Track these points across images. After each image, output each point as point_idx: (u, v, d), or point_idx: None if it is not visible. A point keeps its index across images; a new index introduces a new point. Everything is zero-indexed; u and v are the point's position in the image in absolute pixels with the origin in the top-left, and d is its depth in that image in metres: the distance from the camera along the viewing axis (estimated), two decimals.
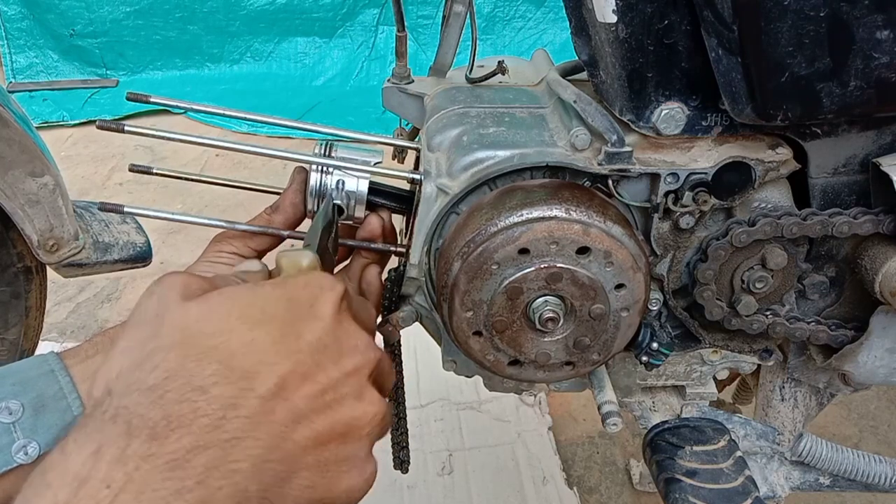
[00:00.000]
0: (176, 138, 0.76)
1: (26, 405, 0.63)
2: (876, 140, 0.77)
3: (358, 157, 0.76)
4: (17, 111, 1.05)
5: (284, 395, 0.45)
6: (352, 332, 0.52)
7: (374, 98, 2.61)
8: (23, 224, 1.06)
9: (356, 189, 0.75)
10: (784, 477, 0.93)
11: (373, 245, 0.79)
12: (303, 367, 0.47)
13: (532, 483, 1.58)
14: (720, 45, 0.67)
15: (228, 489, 0.40)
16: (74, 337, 2.04)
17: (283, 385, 0.45)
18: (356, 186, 0.75)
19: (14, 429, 0.62)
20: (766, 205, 0.79)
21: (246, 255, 0.75)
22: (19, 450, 0.61)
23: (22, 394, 0.63)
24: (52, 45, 3.51)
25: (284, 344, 0.47)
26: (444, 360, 0.88)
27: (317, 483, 0.47)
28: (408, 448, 0.98)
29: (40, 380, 0.65)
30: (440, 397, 1.79)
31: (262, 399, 0.44)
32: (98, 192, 2.77)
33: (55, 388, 0.65)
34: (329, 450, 0.48)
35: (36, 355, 0.68)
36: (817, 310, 0.87)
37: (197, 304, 0.48)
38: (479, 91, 0.88)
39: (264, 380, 0.44)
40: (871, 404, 1.85)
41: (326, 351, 0.49)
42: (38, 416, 0.63)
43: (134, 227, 1.26)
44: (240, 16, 3.53)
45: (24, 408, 0.63)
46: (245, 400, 0.43)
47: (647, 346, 0.82)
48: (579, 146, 0.75)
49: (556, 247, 0.71)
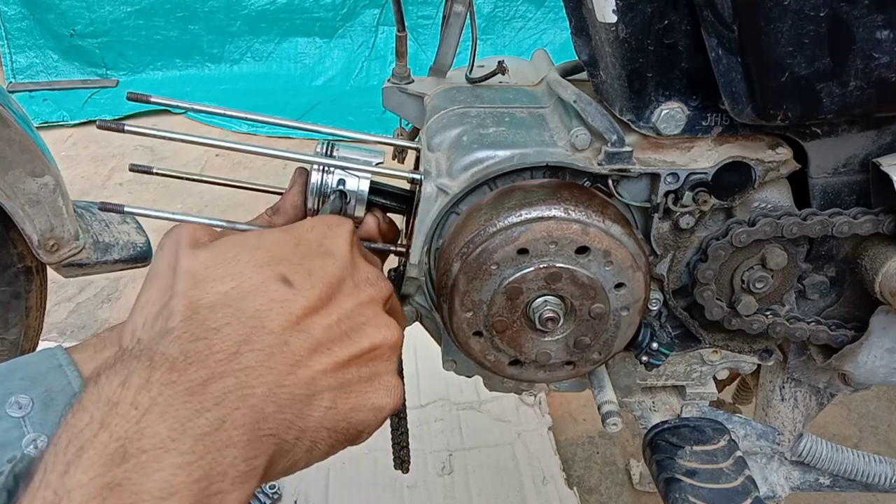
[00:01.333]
0: (176, 138, 0.76)
1: (35, 399, 0.64)
2: (876, 140, 0.77)
3: (359, 157, 0.76)
4: (18, 111, 1.05)
5: (299, 327, 0.48)
6: (362, 265, 0.55)
7: (374, 98, 2.62)
8: (23, 224, 1.06)
9: (357, 189, 0.75)
10: (784, 477, 0.93)
11: (373, 245, 0.79)
12: (316, 301, 0.49)
13: (532, 483, 1.58)
14: (720, 45, 0.67)
15: (244, 410, 0.44)
16: (74, 337, 2.04)
17: (295, 321, 0.48)
18: (357, 186, 0.75)
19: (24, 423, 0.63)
20: (766, 205, 0.79)
21: None
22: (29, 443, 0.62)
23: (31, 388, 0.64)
24: (52, 45, 3.51)
25: (295, 281, 0.49)
26: (444, 360, 0.88)
27: (339, 403, 0.50)
28: (408, 448, 0.98)
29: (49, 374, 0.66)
30: (440, 397, 1.79)
31: (274, 334, 0.47)
32: (98, 192, 2.77)
33: (63, 382, 0.65)
34: (350, 372, 0.50)
35: (43, 349, 0.68)
36: (817, 310, 0.87)
37: (206, 250, 0.51)
38: (479, 91, 0.88)
39: (275, 317, 0.47)
40: (871, 404, 1.85)
41: (341, 284, 0.52)
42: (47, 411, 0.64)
43: (134, 227, 1.26)
44: (240, 16, 3.53)
45: (33, 402, 0.63)
46: (257, 336, 0.46)
47: (647, 346, 0.82)
48: (579, 146, 0.75)
49: (555, 247, 0.71)
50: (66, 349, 0.68)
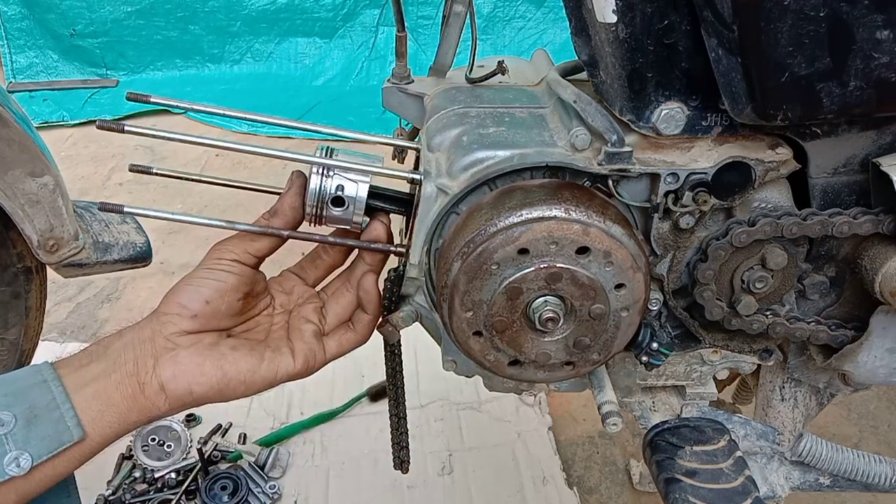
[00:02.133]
0: (176, 138, 0.76)
1: (18, 416, 0.63)
2: (876, 140, 0.77)
3: (358, 162, 0.76)
4: (17, 111, 1.05)
5: None
6: None
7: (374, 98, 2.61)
8: (23, 224, 1.06)
9: (356, 194, 0.76)
10: (784, 477, 0.93)
11: (373, 245, 0.79)
12: None
13: (532, 483, 1.58)
14: (720, 45, 0.67)
15: None
16: (74, 337, 2.04)
17: None
18: (356, 192, 0.76)
19: (6, 440, 0.62)
20: (766, 205, 0.79)
21: (246, 261, 0.75)
22: (11, 461, 0.62)
23: (14, 404, 0.64)
24: (52, 45, 3.51)
25: None
26: (444, 360, 0.88)
27: None
28: (408, 448, 0.98)
29: (33, 390, 0.65)
30: (440, 397, 1.79)
31: None
32: (98, 192, 2.77)
33: (48, 398, 0.65)
34: None
35: (29, 365, 0.68)
36: (817, 310, 0.87)
37: None
38: (479, 91, 0.88)
39: None
40: (871, 404, 1.85)
41: None
42: (31, 427, 0.63)
43: (134, 227, 1.26)
44: (241, 16, 3.53)
45: (16, 419, 0.63)
46: None
47: (647, 346, 0.82)
48: (579, 146, 0.75)
49: (555, 247, 0.71)
50: (52, 364, 0.68)
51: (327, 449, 1.65)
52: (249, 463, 1.58)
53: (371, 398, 1.76)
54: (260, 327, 0.80)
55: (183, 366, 0.70)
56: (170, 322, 0.71)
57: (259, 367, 0.74)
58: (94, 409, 0.67)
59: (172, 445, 1.60)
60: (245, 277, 0.75)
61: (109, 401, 0.68)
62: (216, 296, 0.73)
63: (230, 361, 0.72)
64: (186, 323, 0.71)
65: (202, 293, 0.72)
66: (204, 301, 0.72)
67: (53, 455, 0.64)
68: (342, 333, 0.81)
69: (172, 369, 0.70)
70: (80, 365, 0.69)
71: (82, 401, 0.67)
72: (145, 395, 0.69)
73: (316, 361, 0.78)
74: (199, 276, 0.73)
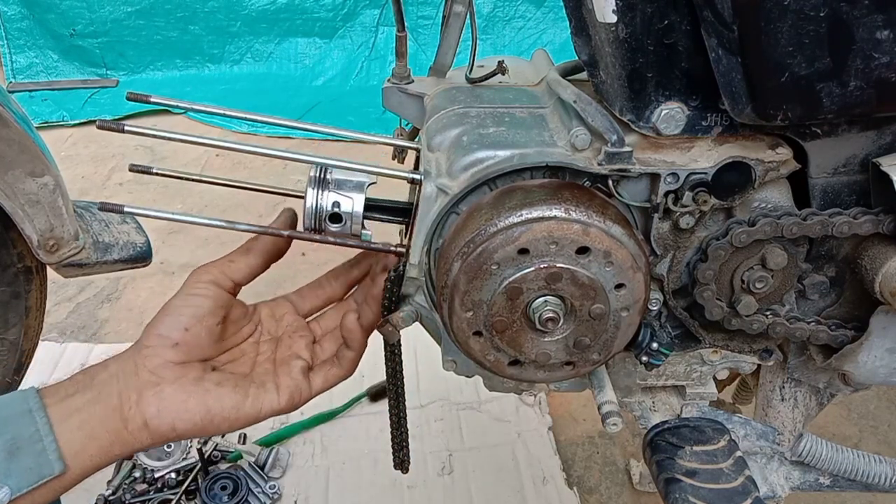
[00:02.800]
0: (176, 138, 0.76)
1: (1, 448, 0.63)
2: (876, 140, 0.77)
3: (352, 179, 0.77)
4: (17, 111, 1.05)
5: None
6: None
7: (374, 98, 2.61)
8: (23, 224, 1.06)
9: (352, 210, 0.76)
10: (784, 477, 0.93)
11: (373, 245, 0.79)
12: None
13: (532, 483, 1.58)
14: (720, 45, 0.67)
15: None
16: (74, 337, 2.04)
17: None
18: (352, 207, 0.76)
19: None
20: (766, 205, 0.79)
21: (222, 282, 0.75)
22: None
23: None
24: (52, 45, 3.51)
25: None
26: (444, 360, 0.88)
27: None
28: (408, 448, 0.98)
29: (17, 420, 0.65)
30: (440, 397, 1.79)
31: None
32: (98, 192, 2.77)
33: (31, 429, 0.65)
34: None
35: (17, 391, 0.68)
36: (817, 310, 0.87)
37: None
38: (479, 91, 0.88)
39: None
40: (871, 404, 1.85)
41: None
42: (13, 460, 0.63)
43: (134, 227, 1.26)
44: (241, 16, 3.53)
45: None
46: None
47: (647, 346, 0.82)
48: (579, 146, 0.75)
49: (555, 247, 0.71)
50: (38, 391, 0.67)
51: (327, 449, 1.65)
52: (249, 463, 1.59)
53: (371, 398, 1.76)
54: (245, 357, 0.80)
55: (167, 402, 0.70)
56: (152, 354, 0.71)
57: (243, 403, 0.73)
58: (77, 443, 0.67)
59: (172, 445, 1.60)
60: (221, 301, 0.75)
61: (92, 434, 0.68)
62: (194, 322, 0.72)
63: (214, 398, 0.71)
64: (169, 353, 0.71)
65: (180, 321, 0.72)
66: (183, 328, 0.72)
67: (33, 488, 0.64)
68: (328, 369, 0.80)
69: (157, 405, 0.69)
70: (66, 395, 0.68)
71: (66, 433, 0.66)
72: (128, 431, 0.69)
73: (301, 398, 0.77)
74: (176, 303, 0.73)
